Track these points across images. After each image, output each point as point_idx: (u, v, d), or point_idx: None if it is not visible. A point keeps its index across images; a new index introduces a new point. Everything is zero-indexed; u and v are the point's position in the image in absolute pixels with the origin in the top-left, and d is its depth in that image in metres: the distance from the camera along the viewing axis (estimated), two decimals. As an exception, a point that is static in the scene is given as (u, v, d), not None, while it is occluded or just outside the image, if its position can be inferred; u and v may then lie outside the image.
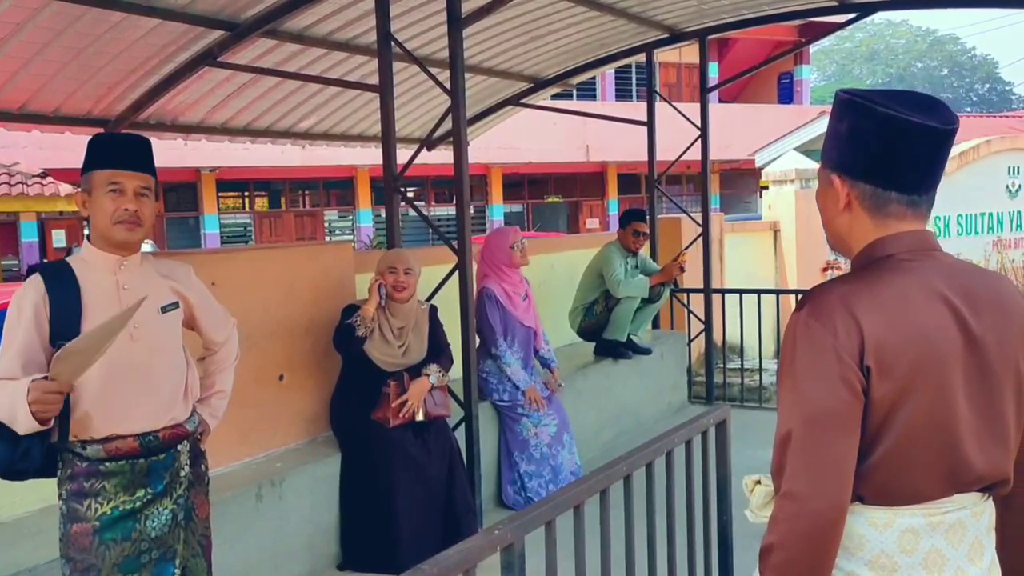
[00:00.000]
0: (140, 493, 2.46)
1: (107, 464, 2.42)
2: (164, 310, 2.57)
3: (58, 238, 16.18)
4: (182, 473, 2.58)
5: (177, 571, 2.54)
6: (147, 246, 2.67)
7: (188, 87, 5.78)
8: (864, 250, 1.60)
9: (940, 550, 1.53)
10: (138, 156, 2.50)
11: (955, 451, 1.50)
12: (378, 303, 4.28)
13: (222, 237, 20.09)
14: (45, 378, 2.19)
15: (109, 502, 2.41)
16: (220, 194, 20.44)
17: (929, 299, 1.51)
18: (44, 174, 13.93)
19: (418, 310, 4.47)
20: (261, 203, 21.86)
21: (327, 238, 21.41)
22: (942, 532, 1.53)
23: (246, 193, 21.46)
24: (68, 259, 2.51)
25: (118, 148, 2.50)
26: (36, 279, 2.40)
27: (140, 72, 5.43)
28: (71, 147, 8.18)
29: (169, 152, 10.77)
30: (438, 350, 4.48)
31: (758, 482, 1.77)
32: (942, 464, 1.50)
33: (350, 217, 21.88)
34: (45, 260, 14.63)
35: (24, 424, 2.23)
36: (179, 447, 2.57)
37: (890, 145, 1.53)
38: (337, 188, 21.89)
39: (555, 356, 5.47)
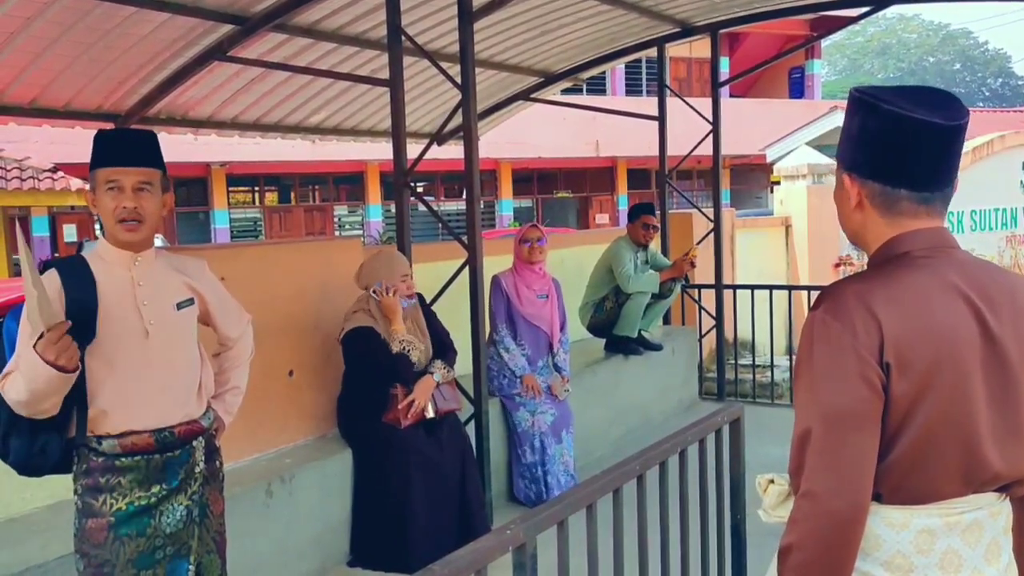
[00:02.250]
0: (155, 489, 2.46)
1: (122, 460, 2.42)
2: (179, 306, 2.56)
3: (69, 232, 16.20)
4: (197, 469, 2.58)
5: (191, 567, 2.54)
6: (157, 241, 2.64)
7: (198, 82, 5.77)
8: (881, 248, 1.59)
9: (956, 550, 1.52)
10: (135, 150, 2.45)
11: (973, 450, 1.49)
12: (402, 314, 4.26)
13: (232, 232, 20.12)
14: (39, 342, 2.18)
15: (124, 498, 2.42)
16: (230, 189, 20.48)
17: (947, 296, 1.49)
18: (55, 169, 13.97)
19: (413, 308, 4.43)
20: (271, 198, 21.89)
21: (336, 233, 21.43)
22: (959, 532, 1.52)
23: (256, 188, 21.50)
24: (84, 254, 2.50)
25: (115, 144, 2.46)
26: (52, 274, 2.39)
27: (150, 67, 5.42)
28: (81, 142, 8.17)
29: (179, 147, 10.79)
30: (442, 346, 4.46)
31: (772, 481, 1.75)
32: (959, 463, 1.49)
33: (360, 212, 21.89)
34: (56, 255, 14.67)
35: (49, 379, 2.19)
36: (194, 443, 2.58)
37: (896, 142, 1.51)
38: (347, 183, 21.90)
39: (569, 367, 5.37)
